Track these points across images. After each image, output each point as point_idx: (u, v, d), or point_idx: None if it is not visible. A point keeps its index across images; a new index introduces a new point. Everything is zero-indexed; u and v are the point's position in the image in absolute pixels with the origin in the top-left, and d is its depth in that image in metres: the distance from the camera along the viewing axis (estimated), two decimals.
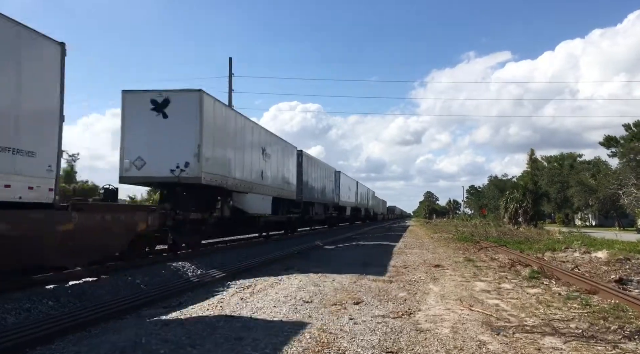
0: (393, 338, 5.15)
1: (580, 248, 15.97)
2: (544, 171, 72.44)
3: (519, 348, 4.81)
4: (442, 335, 5.27)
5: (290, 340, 4.99)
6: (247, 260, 12.63)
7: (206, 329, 5.43)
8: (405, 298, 7.54)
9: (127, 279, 8.76)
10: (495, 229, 33.59)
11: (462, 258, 13.89)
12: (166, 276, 9.47)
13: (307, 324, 5.70)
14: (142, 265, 10.24)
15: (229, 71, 30.73)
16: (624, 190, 44.60)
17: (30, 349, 4.69)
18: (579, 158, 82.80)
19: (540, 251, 15.99)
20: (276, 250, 15.55)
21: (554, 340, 5.10)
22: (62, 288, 7.58)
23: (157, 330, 5.38)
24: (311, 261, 12.89)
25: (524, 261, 12.56)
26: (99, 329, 5.53)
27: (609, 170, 56.49)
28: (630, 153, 48.58)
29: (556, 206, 69.35)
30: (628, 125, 62.13)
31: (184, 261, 11.00)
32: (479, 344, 4.90)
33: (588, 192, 55.05)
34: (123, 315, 6.32)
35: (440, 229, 40.04)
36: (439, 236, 27.79)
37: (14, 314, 6.14)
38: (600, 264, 12.22)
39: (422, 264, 12.36)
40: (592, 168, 68.10)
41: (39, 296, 6.95)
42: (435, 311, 6.54)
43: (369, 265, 12.05)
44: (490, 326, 5.67)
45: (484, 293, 8.08)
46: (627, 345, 4.96)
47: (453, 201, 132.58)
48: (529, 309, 6.74)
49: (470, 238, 24.14)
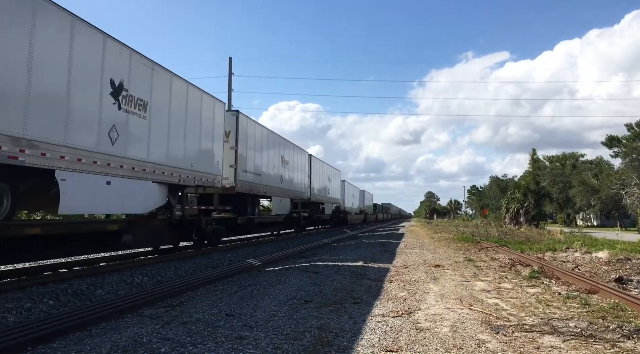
0: (393, 336, 5.17)
1: (581, 248, 15.96)
2: (546, 171, 72.32)
3: (518, 346, 4.82)
4: (441, 334, 5.28)
5: (291, 338, 5.02)
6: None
7: (207, 329, 5.45)
8: (405, 297, 7.56)
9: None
10: (496, 229, 33.60)
11: (462, 258, 13.89)
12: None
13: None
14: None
15: (228, 71, 30.79)
16: (627, 190, 44.52)
17: (31, 348, 4.72)
18: (581, 158, 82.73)
19: (541, 251, 15.99)
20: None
21: (553, 339, 5.11)
22: (63, 287, 7.61)
23: (158, 329, 5.41)
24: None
25: (525, 261, 12.56)
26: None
27: (612, 170, 56.40)
28: (633, 153, 48.48)
29: (558, 206, 69.21)
30: (630, 125, 62.04)
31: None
32: (478, 343, 4.92)
33: (590, 192, 54.96)
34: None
35: (441, 229, 40.02)
36: (440, 237, 27.77)
37: (14, 313, 6.17)
38: (600, 264, 12.22)
39: (422, 264, 12.37)
40: (595, 168, 68.01)
41: (39, 295, 6.98)
42: (435, 311, 6.55)
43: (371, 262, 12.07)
44: (490, 325, 5.68)
45: (484, 292, 8.09)
46: (626, 344, 4.97)
47: (454, 202, 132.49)
48: (528, 308, 6.75)
49: (471, 238, 24.12)
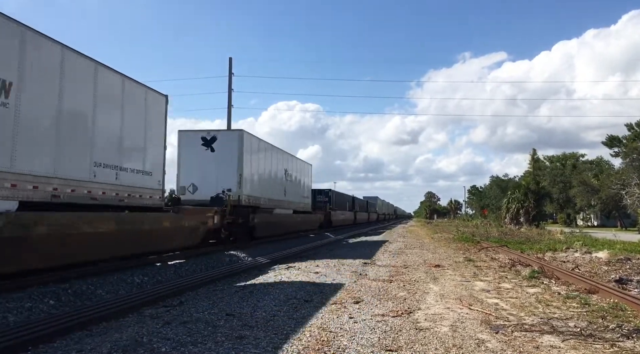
0: (392, 336, 5.18)
1: (581, 248, 15.97)
2: (546, 171, 72.25)
3: (518, 346, 4.83)
4: (441, 334, 5.30)
5: (290, 338, 5.03)
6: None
7: (207, 328, 5.47)
8: (405, 297, 7.57)
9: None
10: (496, 229, 33.60)
11: (462, 258, 13.91)
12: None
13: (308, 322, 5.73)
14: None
15: (228, 71, 30.79)
16: (627, 190, 44.45)
17: (32, 348, 4.73)
18: (582, 158, 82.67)
19: (541, 251, 16.00)
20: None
21: (553, 338, 5.12)
22: (63, 287, 7.62)
23: (159, 329, 5.42)
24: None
25: (525, 261, 12.57)
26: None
27: (612, 170, 56.35)
28: (633, 153, 48.39)
29: (558, 206, 69.15)
30: (630, 124, 61.84)
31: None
32: (478, 343, 4.93)
33: (590, 192, 54.88)
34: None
35: (441, 229, 40.02)
36: (440, 237, 27.77)
37: (15, 313, 6.19)
38: (600, 264, 12.23)
39: (422, 264, 12.39)
40: (595, 168, 67.94)
41: (40, 295, 6.99)
42: (435, 310, 6.56)
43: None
44: (489, 325, 5.69)
45: (484, 292, 8.10)
46: (625, 343, 4.98)
47: (454, 202, 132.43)
48: (528, 308, 6.76)
49: (471, 238, 24.12)
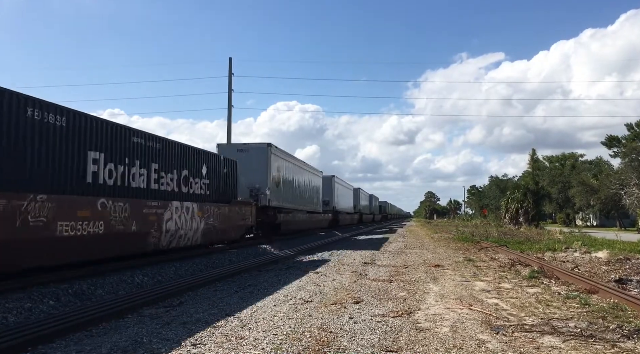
0: (393, 337, 5.17)
1: (581, 248, 15.97)
2: (545, 171, 72.31)
3: (518, 346, 4.82)
4: (441, 334, 5.29)
5: (289, 339, 5.03)
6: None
7: (207, 329, 5.46)
8: (405, 297, 7.57)
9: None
10: (495, 229, 33.61)
11: (462, 258, 13.90)
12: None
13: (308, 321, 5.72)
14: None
15: (228, 71, 30.79)
16: (626, 190, 44.51)
17: (32, 348, 4.72)
18: (581, 158, 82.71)
19: (540, 251, 16.00)
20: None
21: (553, 339, 5.12)
22: (63, 287, 7.61)
23: (158, 329, 5.41)
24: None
25: (524, 261, 12.56)
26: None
27: (611, 170, 56.36)
28: (632, 153, 48.44)
29: (557, 206, 69.21)
30: (630, 124, 61.88)
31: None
32: (478, 343, 4.92)
33: (590, 192, 54.90)
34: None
35: (441, 229, 40.03)
36: (440, 237, 27.78)
37: (15, 313, 6.17)
38: (600, 264, 12.23)
39: (422, 264, 12.38)
40: (594, 168, 67.99)
41: (40, 295, 6.98)
42: (435, 311, 6.56)
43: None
44: (490, 325, 5.69)
45: (484, 292, 8.09)
46: (626, 344, 4.97)
47: (454, 202, 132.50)
48: (528, 308, 6.76)
49: (470, 238, 24.13)
